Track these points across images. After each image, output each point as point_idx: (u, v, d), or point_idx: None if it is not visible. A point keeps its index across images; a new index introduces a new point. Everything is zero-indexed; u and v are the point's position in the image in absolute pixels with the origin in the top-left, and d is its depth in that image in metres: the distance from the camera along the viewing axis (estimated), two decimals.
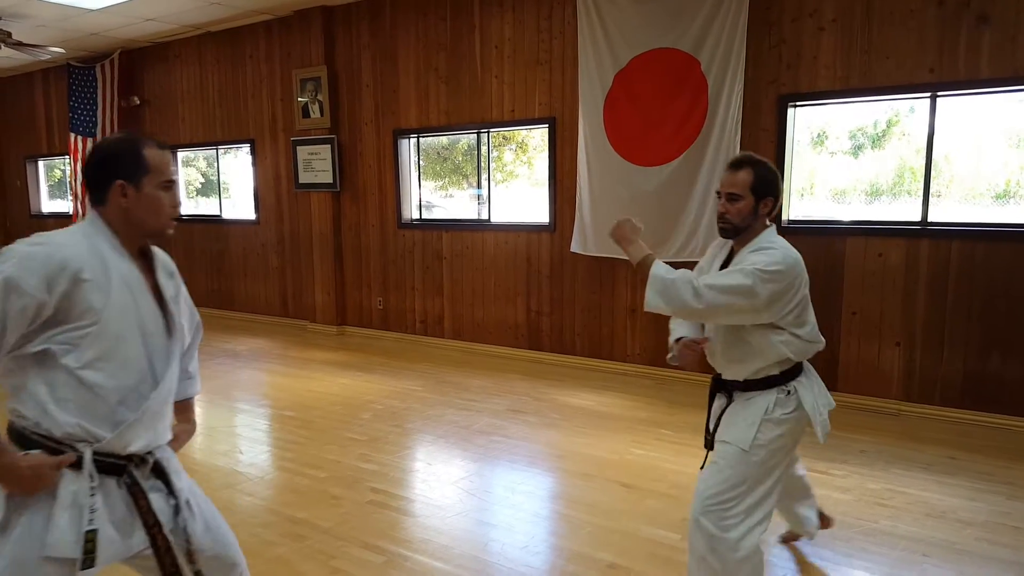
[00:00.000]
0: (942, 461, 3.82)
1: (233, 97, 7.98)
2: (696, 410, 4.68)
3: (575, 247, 5.61)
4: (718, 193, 2.33)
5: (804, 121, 4.97)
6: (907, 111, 4.70)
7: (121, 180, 1.61)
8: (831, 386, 3.60)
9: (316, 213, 7.37)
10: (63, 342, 1.51)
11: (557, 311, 6.01)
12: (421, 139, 6.81)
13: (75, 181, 9.65)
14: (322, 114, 7.09)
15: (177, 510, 1.69)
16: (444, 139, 6.79)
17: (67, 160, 10.00)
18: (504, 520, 3.20)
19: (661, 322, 5.51)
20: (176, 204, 1.70)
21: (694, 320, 2.41)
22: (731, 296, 2.15)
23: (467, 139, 6.59)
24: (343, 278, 7.40)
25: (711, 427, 2.42)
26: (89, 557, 1.52)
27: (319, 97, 7.08)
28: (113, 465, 1.60)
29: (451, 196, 6.96)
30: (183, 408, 1.92)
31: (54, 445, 1.53)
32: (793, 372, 2.32)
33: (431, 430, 4.41)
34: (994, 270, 4.29)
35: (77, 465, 1.54)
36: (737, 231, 2.30)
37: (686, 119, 5.00)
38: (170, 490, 1.69)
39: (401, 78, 6.63)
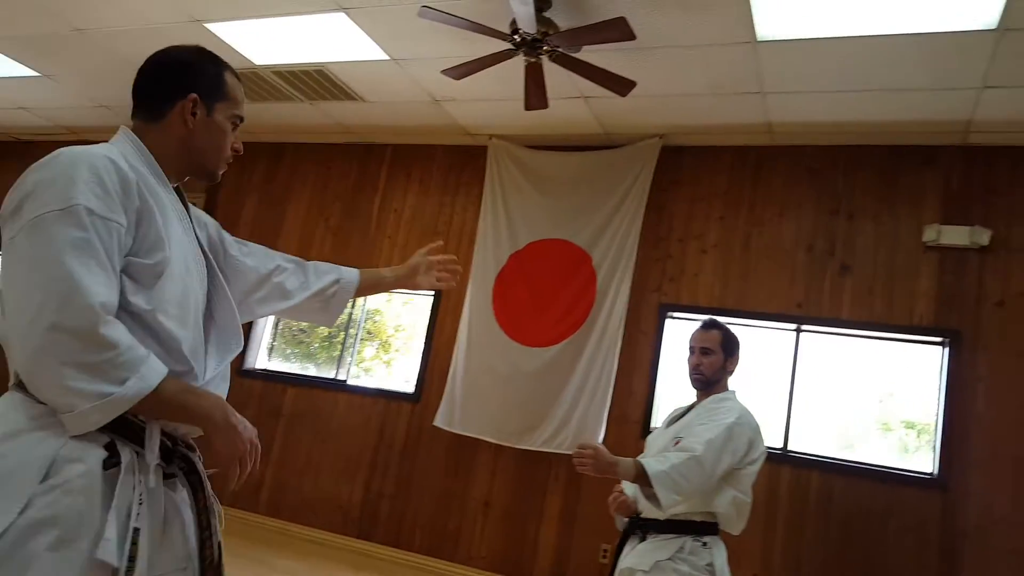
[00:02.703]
0: None
1: None
2: None
3: (439, 421, 5.17)
4: (691, 349, 2.61)
5: (680, 331, 5.13)
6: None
7: (196, 94, 1.36)
8: None
9: None
10: (132, 276, 1.19)
11: (402, 495, 5.35)
12: None
13: None
14: None
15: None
16: None
17: None
18: None
19: (514, 522, 5.04)
20: (239, 148, 1.46)
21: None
22: (723, 453, 2.29)
23: None
24: None
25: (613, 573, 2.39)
26: (131, 565, 1.12)
27: None
28: (167, 450, 1.27)
29: (295, 353, 6.41)
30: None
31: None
32: (711, 529, 2.37)
33: None
34: (851, 507, 4.32)
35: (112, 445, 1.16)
36: (708, 383, 2.57)
37: (573, 306, 5.03)
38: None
39: (287, 222, 6.35)
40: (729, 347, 2.60)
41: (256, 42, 4.67)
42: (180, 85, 1.36)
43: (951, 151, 4.53)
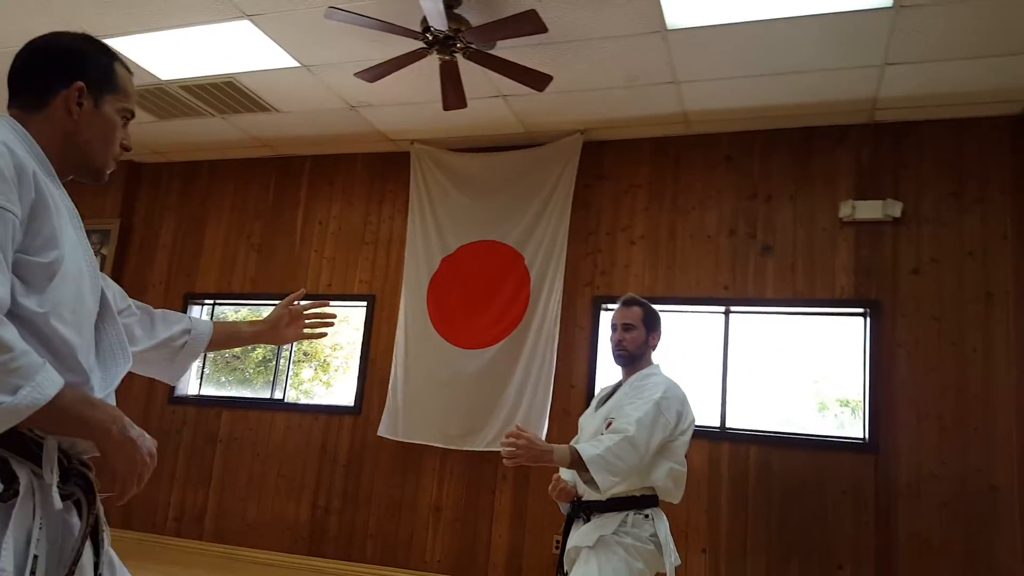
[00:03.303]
0: None
1: None
2: None
3: (383, 431, 5.09)
4: (613, 326, 2.65)
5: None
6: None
7: (82, 83, 1.25)
8: None
9: None
10: (22, 275, 1.09)
11: (349, 508, 5.24)
12: (218, 306, 6.17)
13: None
14: (102, 268, 6.25)
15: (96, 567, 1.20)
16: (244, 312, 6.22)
17: None
18: None
19: (467, 524, 5.00)
20: (128, 146, 1.34)
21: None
22: (654, 429, 2.33)
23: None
24: None
25: (563, 557, 2.45)
26: None
27: (103, 251, 6.30)
28: (63, 468, 1.16)
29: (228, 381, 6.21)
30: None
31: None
32: (651, 501, 2.42)
33: None
34: (789, 478, 4.44)
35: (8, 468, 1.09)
36: (632, 359, 2.62)
37: (509, 306, 5.02)
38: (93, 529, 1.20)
39: (207, 242, 6.13)
40: (650, 322, 2.66)
41: (160, 56, 4.48)
42: (65, 73, 1.25)
43: (860, 129, 4.70)
